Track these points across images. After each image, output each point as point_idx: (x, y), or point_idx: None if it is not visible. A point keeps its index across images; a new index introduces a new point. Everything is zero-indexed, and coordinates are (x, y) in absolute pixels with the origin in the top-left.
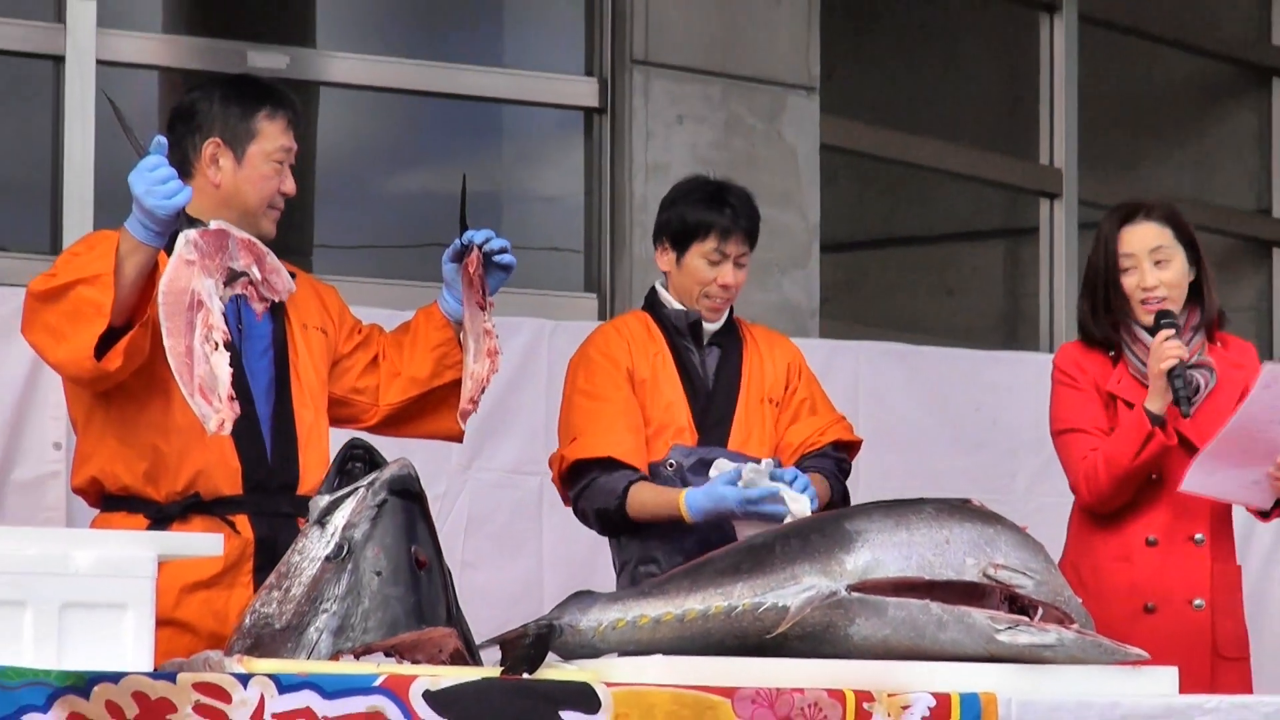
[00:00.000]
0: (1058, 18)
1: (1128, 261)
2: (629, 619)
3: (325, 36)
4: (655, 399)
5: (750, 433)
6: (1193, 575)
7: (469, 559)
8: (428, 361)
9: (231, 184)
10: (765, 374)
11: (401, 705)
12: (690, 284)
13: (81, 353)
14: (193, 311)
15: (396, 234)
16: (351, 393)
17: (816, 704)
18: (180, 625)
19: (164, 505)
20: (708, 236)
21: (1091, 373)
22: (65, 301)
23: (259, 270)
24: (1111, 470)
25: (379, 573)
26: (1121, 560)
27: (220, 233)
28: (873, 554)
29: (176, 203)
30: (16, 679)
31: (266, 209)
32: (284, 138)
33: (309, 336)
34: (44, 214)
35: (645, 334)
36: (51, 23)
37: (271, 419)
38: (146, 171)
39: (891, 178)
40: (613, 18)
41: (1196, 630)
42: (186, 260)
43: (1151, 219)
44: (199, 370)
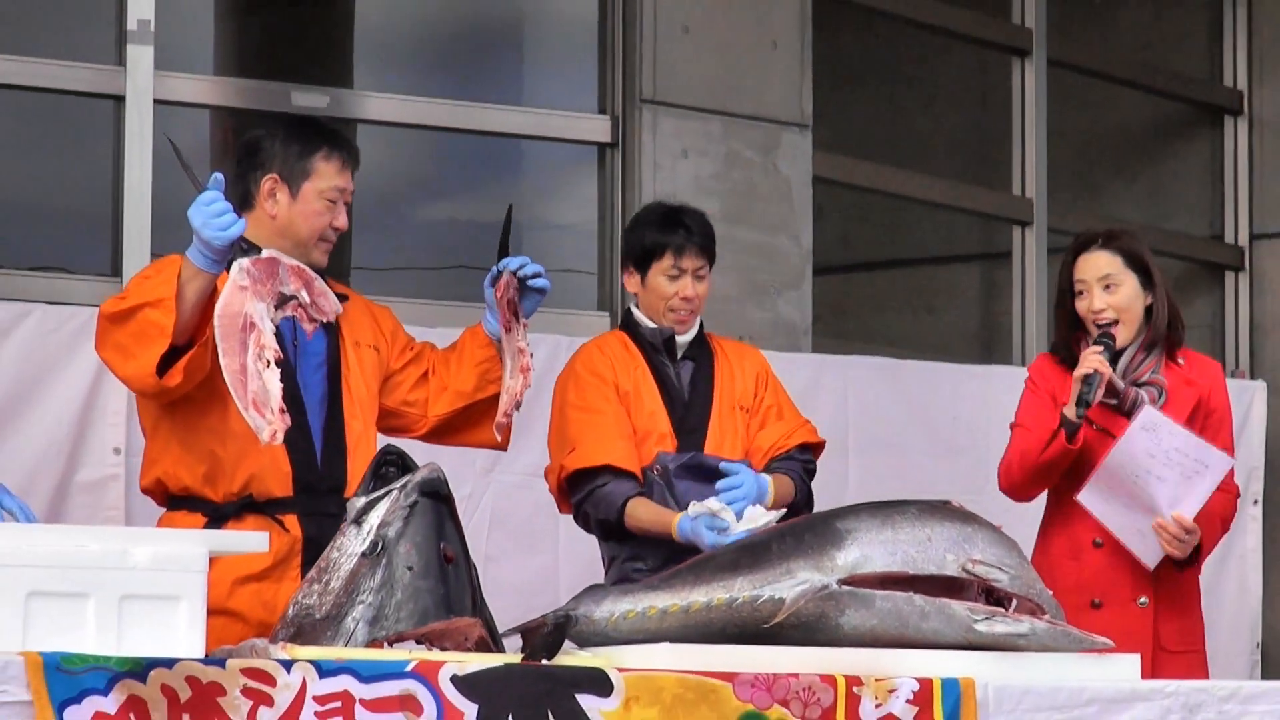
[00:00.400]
0: (1028, 61)
1: (1080, 286)
2: (639, 610)
3: (362, 78)
4: (638, 409)
5: (724, 437)
6: (1137, 575)
7: (492, 554)
8: (471, 376)
9: (286, 217)
10: (735, 383)
11: (431, 688)
12: (655, 300)
13: (146, 370)
14: (246, 333)
15: (427, 257)
16: (402, 405)
17: (810, 688)
18: (232, 614)
19: (220, 505)
20: (664, 255)
21: (1053, 383)
22: (133, 323)
23: (308, 294)
24: (1023, 461)
25: (410, 567)
26: (1071, 559)
27: (271, 260)
28: (861, 551)
29: (230, 234)
30: (80, 664)
31: (317, 241)
32: (338, 178)
33: (361, 354)
34: (105, 240)
35: (624, 351)
36: (113, 66)
37: (323, 428)
38: (204, 206)
39: (877, 207)
40: (623, 61)
41: (1139, 626)
42: (240, 286)
43: (1103, 248)
44: (252, 386)
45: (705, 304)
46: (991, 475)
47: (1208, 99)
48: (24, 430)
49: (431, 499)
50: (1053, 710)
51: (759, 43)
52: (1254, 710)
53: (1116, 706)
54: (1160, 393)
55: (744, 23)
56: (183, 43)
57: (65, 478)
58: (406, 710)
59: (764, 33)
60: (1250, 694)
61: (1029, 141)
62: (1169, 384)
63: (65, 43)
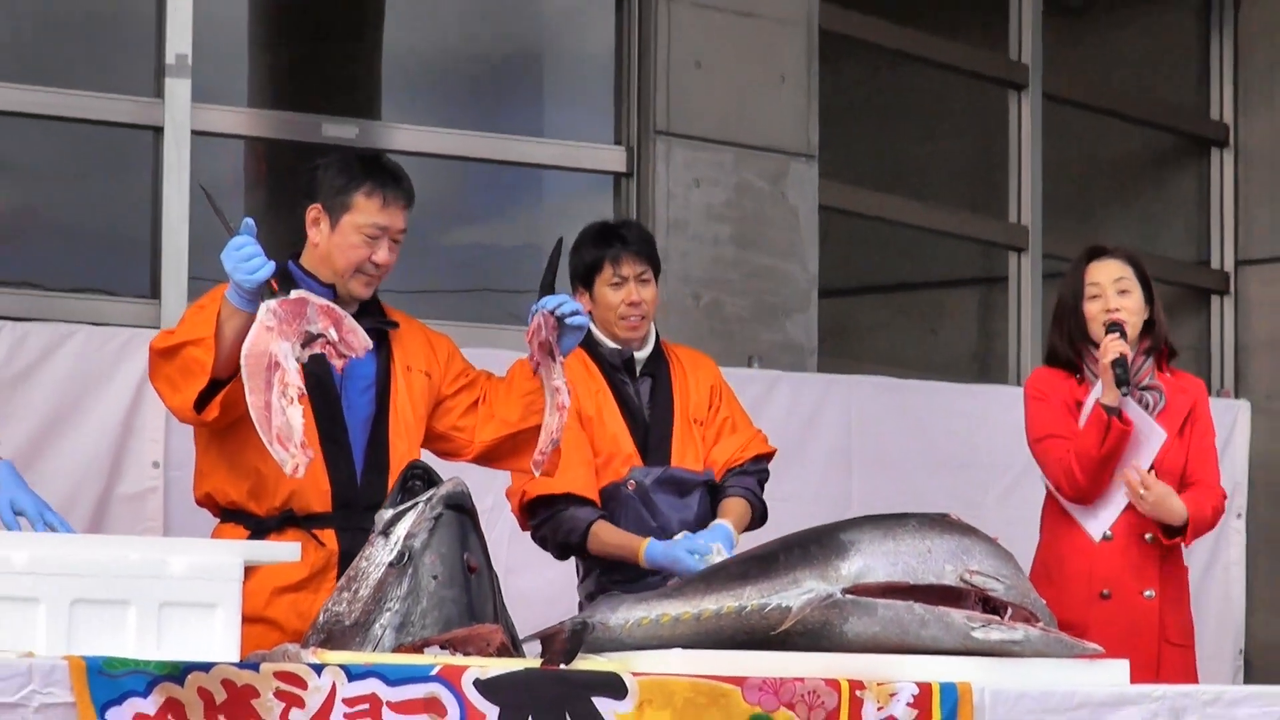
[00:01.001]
0: (1025, 95)
1: (1093, 290)
2: (652, 617)
3: (390, 110)
4: (601, 432)
5: (686, 451)
6: (1145, 568)
7: (512, 565)
8: (518, 407)
9: (325, 247)
10: (690, 397)
11: (455, 692)
12: (605, 312)
13: (187, 404)
14: (271, 371)
15: (451, 281)
16: (452, 429)
17: (815, 691)
18: (269, 622)
19: (263, 519)
20: (603, 267)
21: (1060, 389)
22: (178, 359)
23: (336, 332)
24: (1083, 464)
25: (435, 576)
26: (1081, 551)
27: (300, 301)
28: (864, 561)
29: (259, 277)
30: (121, 668)
31: (354, 274)
32: (379, 215)
33: (412, 378)
34: (145, 264)
35: (585, 372)
36: (152, 98)
37: (366, 448)
38: (234, 251)
39: (880, 234)
40: (638, 94)
41: (1146, 617)
42: (266, 327)
43: (1115, 257)
44: (276, 422)
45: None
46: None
47: (1195, 131)
48: (68, 445)
49: (455, 511)
50: (1045, 713)
51: (768, 77)
52: (1237, 714)
53: (1106, 710)
54: (1160, 396)
55: (753, 58)
56: (218, 76)
57: (107, 490)
58: (431, 712)
59: (772, 68)
60: (1234, 698)
61: (1025, 171)
62: (1166, 390)
63: (107, 77)
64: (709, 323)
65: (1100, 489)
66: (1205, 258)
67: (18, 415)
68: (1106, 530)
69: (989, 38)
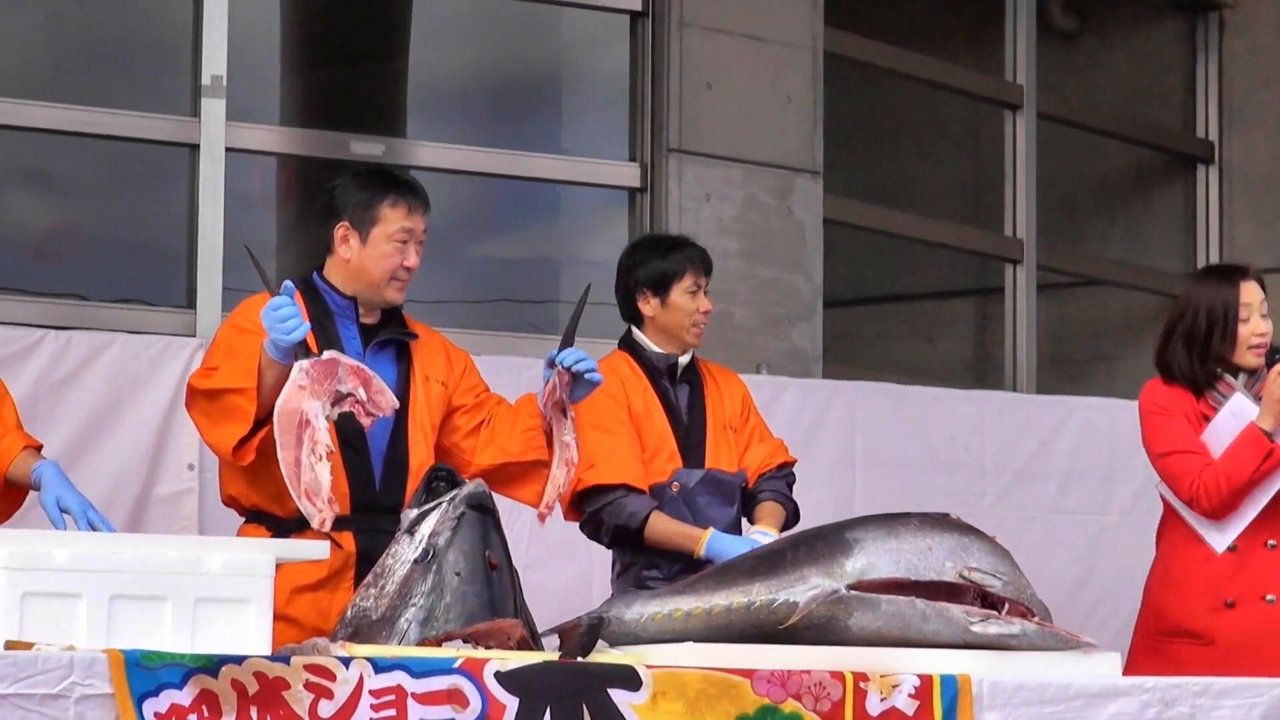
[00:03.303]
0: (1020, 115)
1: (1245, 312)
2: (666, 612)
3: (415, 128)
4: (649, 428)
5: (720, 454)
6: (1266, 575)
7: (531, 562)
8: (518, 439)
9: (358, 261)
10: (724, 405)
11: (476, 683)
12: (679, 318)
13: (226, 445)
14: (302, 429)
15: (472, 291)
16: (454, 447)
17: (821, 683)
18: (289, 620)
19: (285, 520)
20: (685, 275)
21: (1179, 402)
22: (221, 402)
23: (365, 391)
24: (1232, 483)
25: (459, 573)
26: (1203, 563)
27: (331, 361)
28: (868, 559)
29: (294, 338)
30: (158, 661)
31: (389, 281)
32: (405, 220)
33: (430, 388)
34: (181, 275)
35: (632, 373)
36: (188, 117)
37: (386, 452)
38: (271, 311)
39: (882, 246)
40: (652, 113)
41: (1270, 622)
42: (299, 386)
43: (1253, 279)
44: (305, 478)
45: (725, 334)
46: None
47: (1182, 149)
48: (107, 448)
49: (478, 511)
50: (1042, 704)
51: (775, 98)
52: (1225, 704)
53: (1099, 700)
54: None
55: (762, 80)
56: (252, 96)
57: (145, 491)
58: (454, 703)
59: (780, 89)
60: (1222, 689)
61: (1019, 187)
62: None
63: (146, 96)
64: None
65: (1237, 507)
66: (1191, 270)
67: (61, 419)
68: (1231, 543)
69: (985, 60)
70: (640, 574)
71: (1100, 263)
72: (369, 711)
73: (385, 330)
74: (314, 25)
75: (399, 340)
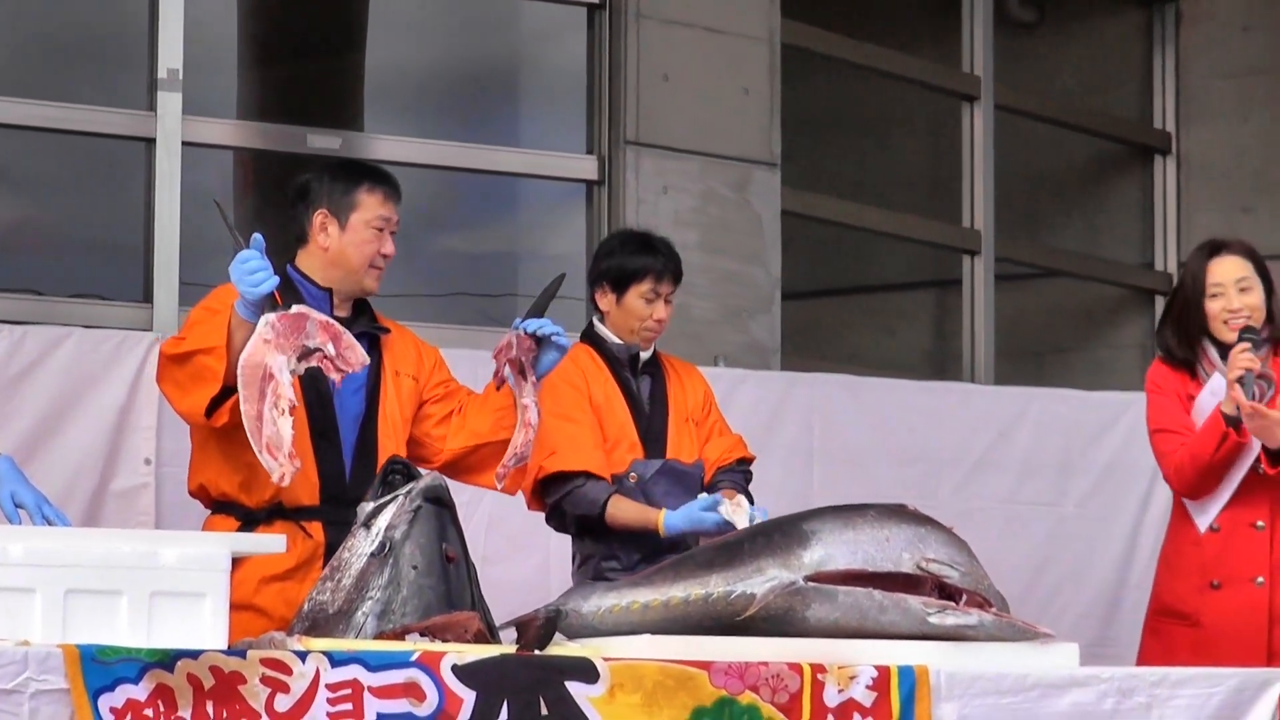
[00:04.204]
0: (977, 106)
1: (1216, 289)
2: (623, 604)
3: (372, 122)
4: (609, 419)
5: (681, 445)
6: (1253, 557)
7: (489, 555)
8: (488, 420)
9: (337, 248)
10: (686, 398)
11: (433, 676)
12: (629, 320)
13: (198, 408)
14: (265, 382)
15: (431, 285)
16: (425, 436)
17: (779, 675)
18: (257, 610)
19: (254, 510)
20: (645, 278)
21: (1173, 382)
22: (190, 365)
23: (334, 347)
24: (1196, 464)
25: (415, 566)
26: (1194, 544)
27: (299, 316)
28: (825, 550)
29: (262, 290)
30: (113, 655)
31: (368, 268)
32: (382, 208)
33: (400, 382)
34: (138, 270)
35: (593, 364)
36: (144, 111)
37: (355, 444)
38: (240, 264)
39: (840, 238)
40: (609, 106)
41: (1256, 604)
42: (264, 339)
43: (1235, 253)
44: (267, 432)
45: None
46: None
47: (1139, 140)
48: (64, 443)
49: (434, 504)
50: (999, 695)
51: (732, 90)
52: (1182, 694)
53: (1057, 691)
54: (1270, 385)
55: (719, 71)
56: (208, 90)
57: (101, 486)
58: (411, 697)
59: (737, 80)
60: (1179, 679)
61: (978, 178)
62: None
63: (102, 90)
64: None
65: (1210, 488)
66: (1149, 260)
67: (16, 414)
68: (1212, 522)
69: (943, 52)
70: (599, 565)
71: (1058, 254)
72: (325, 706)
73: (358, 324)
74: (270, 19)
75: (371, 334)
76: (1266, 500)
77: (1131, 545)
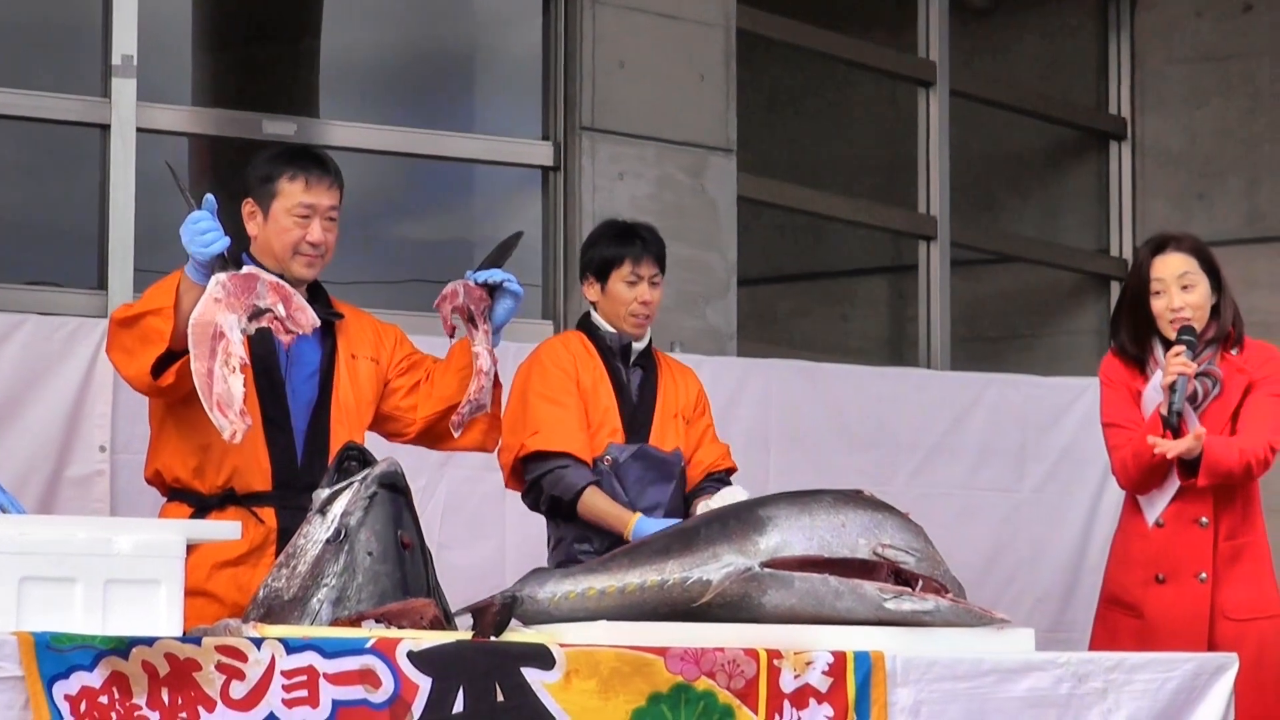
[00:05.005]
0: (933, 92)
1: (1158, 286)
2: (579, 591)
3: (327, 108)
4: (595, 404)
5: (664, 437)
6: (1198, 553)
7: (445, 541)
8: (454, 382)
9: (263, 236)
10: (678, 395)
11: (389, 663)
12: (616, 306)
13: (144, 370)
14: (216, 341)
15: (386, 272)
16: (395, 409)
17: (735, 661)
18: (210, 596)
19: (206, 497)
20: (623, 264)
21: (1125, 377)
22: (137, 328)
23: (285, 308)
24: (1138, 462)
25: (371, 553)
26: (1141, 538)
27: (250, 276)
28: (781, 536)
29: (212, 250)
30: (68, 643)
31: (294, 255)
32: (305, 195)
33: (356, 365)
34: (92, 256)
35: (585, 351)
36: (99, 97)
37: (307, 431)
38: (191, 225)
39: (796, 224)
40: (565, 92)
41: (1198, 599)
42: (215, 298)
43: (1179, 250)
44: (218, 389)
45: None
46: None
47: (1095, 126)
48: (18, 430)
49: (390, 490)
50: (955, 680)
51: (688, 75)
52: (1138, 679)
53: (1013, 676)
54: (1215, 383)
55: (674, 57)
56: (163, 76)
57: (56, 473)
58: (366, 683)
59: (693, 66)
60: (1134, 665)
61: (933, 164)
62: (1224, 374)
63: (56, 76)
64: None
65: (1154, 485)
66: (1104, 246)
67: None
68: (1158, 517)
69: (898, 37)
70: (572, 547)
71: (1014, 240)
72: (281, 693)
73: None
74: (225, 4)
75: (324, 320)
76: (1211, 497)
77: (1087, 530)
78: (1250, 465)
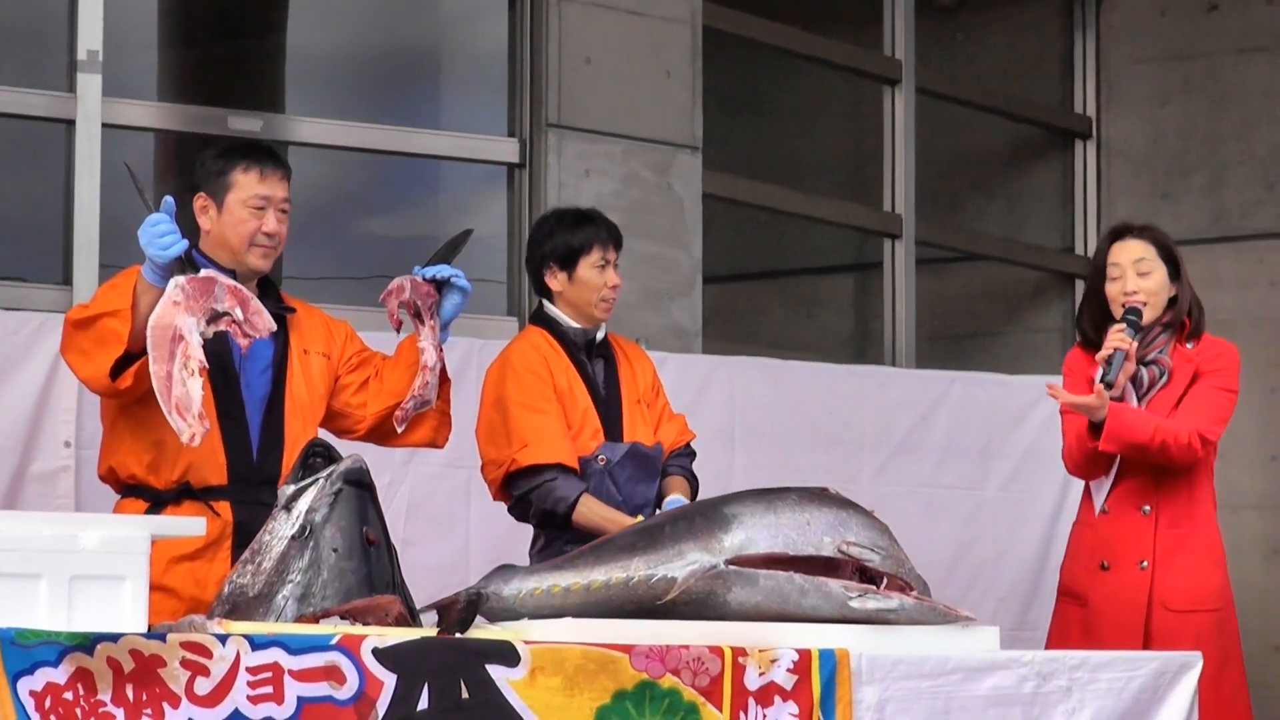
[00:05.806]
0: (898, 90)
1: (1114, 271)
2: (544, 588)
3: (293, 104)
4: (573, 405)
5: (635, 428)
6: (1139, 541)
7: (409, 538)
8: (404, 378)
9: (218, 229)
10: (636, 380)
11: (354, 659)
12: (587, 293)
13: (101, 372)
14: (175, 344)
15: (352, 268)
16: (345, 406)
17: (700, 658)
18: (166, 590)
19: (162, 491)
20: (591, 249)
21: (1084, 365)
22: (93, 330)
23: (242, 312)
24: (1081, 446)
25: (336, 549)
26: (1088, 526)
27: (208, 280)
28: (746, 534)
29: (171, 253)
30: (33, 639)
31: (250, 246)
32: (259, 186)
33: (309, 360)
34: (57, 251)
35: (552, 350)
36: (64, 92)
37: (262, 425)
38: (150, 227)
39: (761, 221)
40: (531, 89)
41: (1138, 586)
42: (174, 301)
43: (1138, 237)
44: (176, 392)
45: None
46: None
47: (1060, 124)
48: None
49: (355, 487)
50: (920, 678)
51: (654, 72)
52: (1102, 678)
53: (978, 674)
54: (1162, 372)
55: (640, 54)
56: (129, 71)
57: (20, 469)
58: (331, 680)
59: (659, 63)
60: (1098, 663)
61: (899, 162)
62: (1174, 365)
63: (20, 71)
64: None
65: (1098, 471)
66: (1069, 244)
67: None
68: (1103, 504)
69: (864, 35)
70: (563, 549)
71: (979, 238)
72: (246, 689)
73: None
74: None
75: (276, 315)
76: (1153, 485)
77: (1052, 529)
78: (1166, 444)
